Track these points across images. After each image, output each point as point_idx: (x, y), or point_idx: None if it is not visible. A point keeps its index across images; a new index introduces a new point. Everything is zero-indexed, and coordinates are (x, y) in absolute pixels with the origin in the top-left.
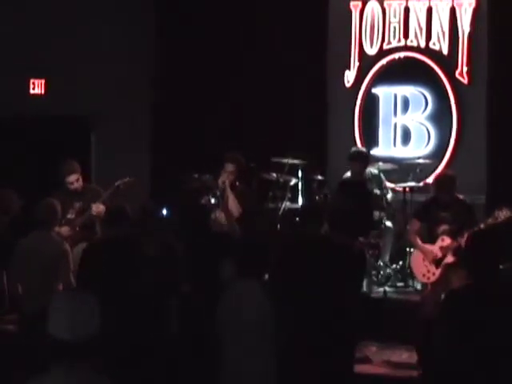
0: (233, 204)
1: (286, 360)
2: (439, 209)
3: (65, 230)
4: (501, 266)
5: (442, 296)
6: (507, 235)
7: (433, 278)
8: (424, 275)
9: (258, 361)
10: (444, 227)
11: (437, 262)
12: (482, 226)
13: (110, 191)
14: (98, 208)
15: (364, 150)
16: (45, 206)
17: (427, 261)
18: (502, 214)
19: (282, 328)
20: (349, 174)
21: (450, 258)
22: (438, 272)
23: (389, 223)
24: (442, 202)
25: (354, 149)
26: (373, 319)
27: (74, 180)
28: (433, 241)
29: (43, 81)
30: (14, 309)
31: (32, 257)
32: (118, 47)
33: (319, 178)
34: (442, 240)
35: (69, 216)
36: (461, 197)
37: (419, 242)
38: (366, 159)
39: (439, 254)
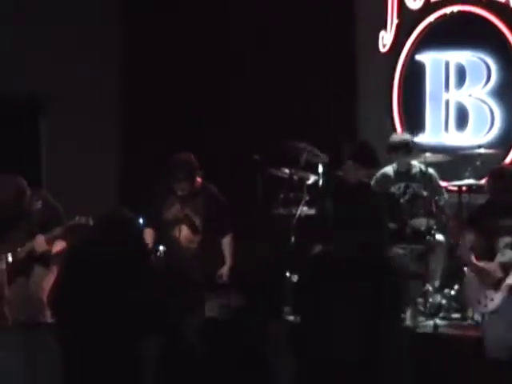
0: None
1: None
2: (500, 215)
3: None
4: None
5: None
6: None
7: (491, 306)
8: (480, 302)
9: None
10: (507, 239)
11: (496, 284)
12: None
13: (64, 228)
14: (41, 244)
15: (408, 137)
16: None
17: (484, 283)
18: None
19: None
20: (388, 168)
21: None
22: (498, 296)
23: (439, 236)
24: (503, 206)
25: (395, 137)
26: (420, 360)
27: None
28: (492, 257)
29: None
30: None
31: None
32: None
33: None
34: (503, 255)
35: None
36: None
37: (473, 259)
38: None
39: (499, 274)
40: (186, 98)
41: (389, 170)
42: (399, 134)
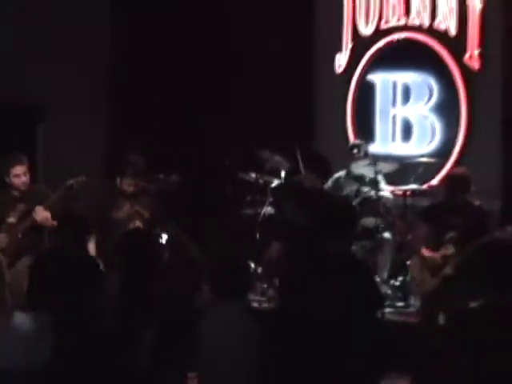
0: None
1: None
2: (450, 213)
3: (1, 237)
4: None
5: (441, 316)
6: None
7: (427, 288)
8: (418, 284)
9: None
10: (451, 234)
11: (434, 272)
12: (487, 239)
13: (61, 192)
14: (41, 213)
15: (360, 142)
16: None
17: (426, 268)
18: None
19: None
20: (342, 173)
21: (448, 270)
22: (433, 282)
23: (387, 233)
24: (453, 206)
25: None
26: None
27: (21, 172)
28: (438, 247)
29: None
30: None
31: None
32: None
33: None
34: (446, 248)
35: (10, 220)
36: (476, 202)
37: (422, 246)
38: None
39: (439, 263)
40: (170, 105)
41: (342, 174)
42: (354, 140)
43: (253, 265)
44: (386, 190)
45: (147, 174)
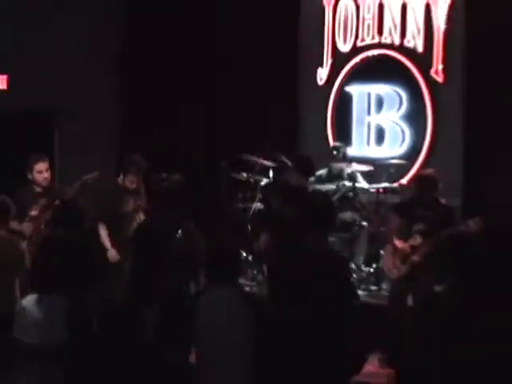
0: None
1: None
2: (419, 208)
3: (26, 226)
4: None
5: (409, 298)
6: (474, 246)
7: (397, 273)
8: (390, 269)
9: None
10: (419, 226)
11: (404, 259)
12: (451, 231)
13: (77, 187)
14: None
15: (340, 144)
16: None
17: (396, 256)
18: (474, 223)
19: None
20: (323, 171)
21: (415, 257)
22: (402, 268)
23: (362, 226)
24: (422, 202)
25: (333, 144)
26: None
27: (44, 169)
28: (407, 238)
29: (5, 76)
30: None
31: None
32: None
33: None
34: (415, 238)
35: (33, 213)
36: (442, 199)
37: (393, 237)
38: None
39: (408, 252)
40: (173, 111)
41: (323, 172)
42: (334, 143)
43: (244, 253)
44: (362, 184)
45: (147, 172)
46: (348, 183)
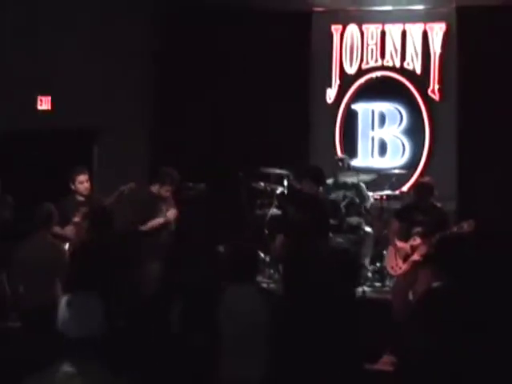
0: None
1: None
2: (417, 212)
3: (69, 229)
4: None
5: (410, 293)
6: (467, 247)
7: (399, 272)
8: (392, 268)
9: (253, 364)
10: (418, 229)
11: (405, 258)
12: (447, 234)
13: (114, 196)
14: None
15: (345, 156)
16: (40, 210)
17: (398, 256)
18: (467, 225)
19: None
20: (330, 180)
21: (416, 256)
22: (404, 267)
23: (368, 228)
24: (420, 207)
25: (337, 156)
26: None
27: (84, 180)
28: (407, 239)
29: (49, 97)
30: (15, 308)
31: (30, 258)
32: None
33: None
34: (414, 240)
35: (75, 219)
36: (438, 204)
37: (395, 239)
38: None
39: (409, 252)
40: (198, 127)
41: (330, 181)
42: (340, 155)
43: (262, 254)
44: (367, 192)
45: (180, 182)
46: (353, 190)
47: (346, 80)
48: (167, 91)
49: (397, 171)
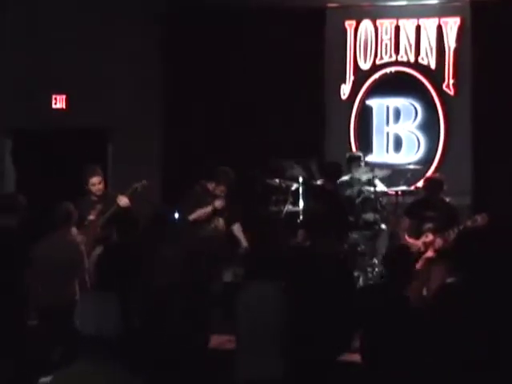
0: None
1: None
2: (427, 208)
3: (86, 228)
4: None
5: (424, 289)
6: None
7: None
8: None
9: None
10: (429, 225)
11: (418, 255)
12: (460, 227)
13: (128, 193)
14: (122, 200)
15: (360, 153)
16: (60, 210)
17: None
18: (480, 218)
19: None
20: (346, 177)
21: (429, 253)
22: (417, 264)
23: (383, 225)
24: (430, 203)
25: (352, 153)
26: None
27: (97, 182)
28: (419, 236)
29: (64, 96)
30: (34, 306)
31: (50, 257)
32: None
33: (318, 183)
34: (426, 236)
35: (91, 217)
36: (447, 199)
37: (406, 236)
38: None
39: (422, 248)
40: (213, 125)
41: (346, 178)
42: (354, 152)
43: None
44: (382, 187)
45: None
46: (368, 186)
47: (361, 76)
48: (176, 91)
49: (412, 167)
